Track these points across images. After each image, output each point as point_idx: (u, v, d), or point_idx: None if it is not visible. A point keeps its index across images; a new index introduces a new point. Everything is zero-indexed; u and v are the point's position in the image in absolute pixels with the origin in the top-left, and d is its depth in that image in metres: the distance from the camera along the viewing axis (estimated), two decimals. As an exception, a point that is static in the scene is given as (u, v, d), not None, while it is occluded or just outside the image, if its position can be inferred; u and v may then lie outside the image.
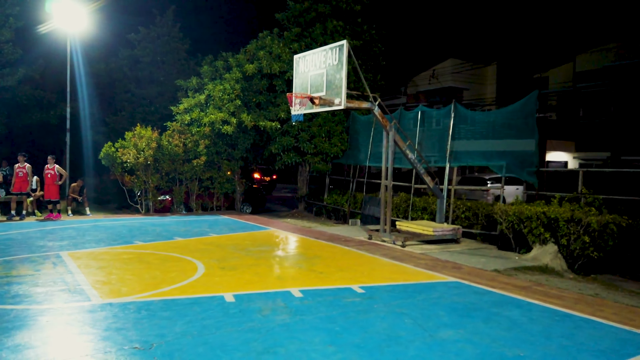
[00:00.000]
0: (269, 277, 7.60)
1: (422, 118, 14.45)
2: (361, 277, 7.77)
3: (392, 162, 11.22)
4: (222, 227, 13.31)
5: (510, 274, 8.45)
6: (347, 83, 9.60)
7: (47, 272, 7.51)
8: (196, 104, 17.23)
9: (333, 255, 9.71)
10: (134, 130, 16.72)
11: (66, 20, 17.22)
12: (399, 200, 14.80)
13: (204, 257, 9.03)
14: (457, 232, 11.56)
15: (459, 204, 12.64)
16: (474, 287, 7.43)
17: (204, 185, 17.76)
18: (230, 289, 6.79)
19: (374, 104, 10.65)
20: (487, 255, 10.25)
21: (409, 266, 8.79)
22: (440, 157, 13.67)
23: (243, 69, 16.95)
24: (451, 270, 8.58)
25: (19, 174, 14.23)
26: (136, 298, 6.26)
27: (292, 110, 10.23)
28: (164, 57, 26.19)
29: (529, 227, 9.88)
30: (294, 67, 10.93)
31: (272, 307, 6.03)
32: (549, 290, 7.34)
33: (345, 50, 9.37)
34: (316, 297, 6.54)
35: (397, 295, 6.81)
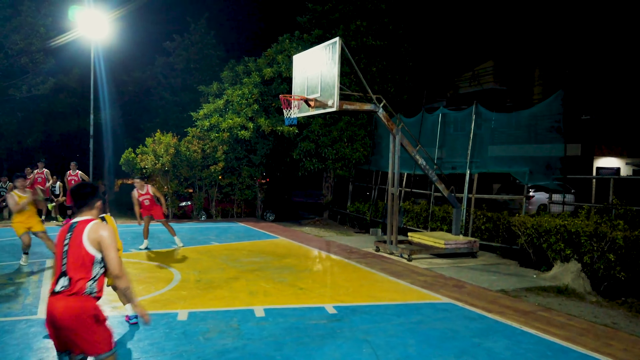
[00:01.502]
0: (241, 293, 7.03)
1: (443, 121, 13.48)
2: (342, 296, 7.05)
3: (398, 168, 10.38)
4: (230, 235, 12.91)
5: (517, 296, 7.45)
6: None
7: (19, 281, 7.31)
8: (215, 109, 17.04)
9: (327, 268, 9.02)
10: (153, 136, 16.73)
11: (102, 30, 17.44)
12: (419, 209, 13.87)
13: (187, 267, 8.61)
14: (474, 245, 10.54)
15: (479, 214, 11.59)
16: (467, 310, 6.53)
17: (224, 191, 17.53)
18: (189, 306, 6.28)
19: (377, 106, 9.89)
20: (501, 272, 9.21)
21: (404, 283, 7.97)
22: (463, 163, 12.65)
23: (262, 73, 16.60)
24: (450, 289, 7.68)
25: (37, 179, 14.49)
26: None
27: (285, 113, 9.66)
28: (197, 64, 26.44)
29: (548, 241, 8.77)
30: (293, 68, 10.38)
31: (222, 329, 5.46)
32: (554, 318, 6.32)
33: (337, 48, 8.70)
34: (278, 318, 5.90)
35: (371, 318, 6.05)
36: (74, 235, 3.27)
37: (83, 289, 3.21)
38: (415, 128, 14.96)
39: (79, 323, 3.16)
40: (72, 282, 3.19)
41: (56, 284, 3.22)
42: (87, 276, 3.24)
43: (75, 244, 3.25)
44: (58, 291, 3.19)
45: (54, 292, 3.21)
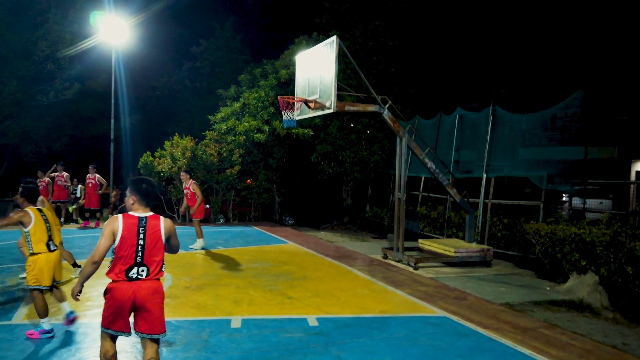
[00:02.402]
0: (226, 301, 6.78)
1: (460, 123, 12.91)
2: (330, 306, 6.69)
3: (405, 171, 9.93)
4: (239, 240, 12.74)
5: (522, 310, 6.89)
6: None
7: (7, 285, 7.33)
8: (232, 112, 16.99)
9: (325, 276, 8.67)
10: (171, 139, 16.83)
11: (126, 35, 17.68)
12: (435, 215, 13.33)
13: (182, 273, 8.45)
14: (487, 253, 9.95)
15: (495, 220, 10.97)
16: (462, 325, 6.06)
17: (242, 195, 17.44)
18: (167, 315, 6.02)
19: (382, 108, 9.47)
20: (512, 283, 8.62)
21: (401, 294, 7.53)
22: (479, 166, 12.05)
23: (278, 75, 16.43)
24: (450, 301, 7.19)
25: (57, 182, 14.77)
26: (60, 319, 5.75)
27: (284, 115, 9.38)
28: (222, 68, 26.62)
29: (563, 251, 8.13)
30: (296, 68, 10.09)
31: (190, 340, 5.22)
32: (556, 336, 5.76)
33: (335, 46, 8.37)
34: (253, 330, 5.62)
35: (353, 331, 5.68)
36: (149, 229, 3.73)
37: (159, 273, 3.81)
38: (433, 130, 14.44)
39: (156, 301, 3.75)
40: (150, 269, 3.71)
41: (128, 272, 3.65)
42: (161, 263, 3.82)
43: (155, 236, 3.74)
44: (135, 278, 3.67)
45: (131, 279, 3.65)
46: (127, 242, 3.66)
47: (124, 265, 3.66)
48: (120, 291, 3.65)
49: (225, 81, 25.25)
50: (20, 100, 18.16)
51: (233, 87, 18.11)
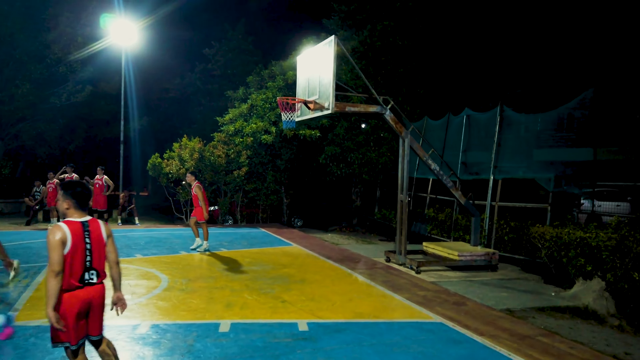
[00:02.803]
0: (218, 304, 6.71)
1: (468, 123, 12.66)
2: (324, 311, 6.57)
3: (407, 173, 9.75)
4: (243, 242, 12.70)
5: (523, 316, 6.67)
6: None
7: (5, 287, 7.37)
8: (240, 113, 16.99)
9: (324, 279, 8.55)
10: (180, 141, 16.89)
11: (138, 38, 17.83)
12: (443, 217, 13.10)
13: (179, 275, 8.42)
14: (492, 257, 9.71)
15: (502, 223, 10.71)
16: (455, 332, 5.88)
17: (250, 196, 17.43)
18: (156, 318, 6.03)
19: (384, 108, 9.32)
20: (516, 288, 8.38)
21: (399, 298, 7.37)
22: (487, 168, 11.79)
23: (285, 77, 16.38)
24: (448, 306, 7.00)
25: (67, 183, 14.91)
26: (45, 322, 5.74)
27: (283, 116, 9.29)
28: (234, 70, 26.72)
29: (568, 256, 7.87)
30: (297, 69, 10.00)
31: (176, 345, 5.15)
32: (554, 344, 5.54)
33: (333, 46, 8.24)
34: (241, 334, 5.53)
35: (343, 337, 5.54)
36: (93, 233, 3.70)
37: (104, 276, 3.80)
38: (442, 131, 14.21)
39: (103, 304, 3.84)
40: (99, 273, 3.73)
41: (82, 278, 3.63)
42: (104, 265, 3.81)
43: (98, 239, 3.73)
44: (87, 283, 3.66)
45: (83, 285, 3.64)
46: (78, 248, 3.60)
47: (77, 272, 3.61)
48: (78, 298, 3.61)
49: (237, 83, 25.32)
50: (33, 103, 18.46)
51: (241, 88, 18.13)
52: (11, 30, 18.12)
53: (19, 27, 18.02)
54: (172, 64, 27.14)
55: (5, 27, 17.99)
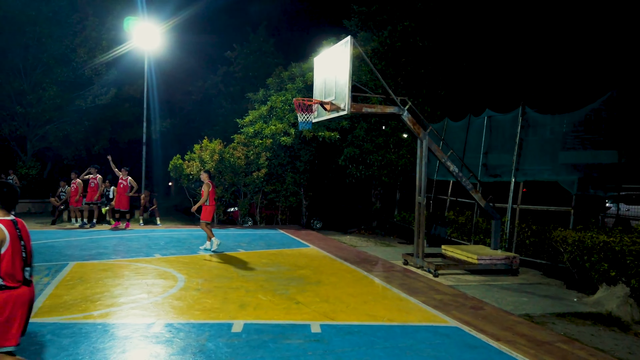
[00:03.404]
0: (232, 305, 6.72)
1: (489, 125, 12.45)
2: (338, 313, 6.52)
3: (425, 175, 9.62)
4: (261, 243, 12.74)
5: (543, 322, 6.50)
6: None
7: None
8: (260, 115, 17.08)
9: (339, 281, 8.49)
10: (200, 143, 17.06)
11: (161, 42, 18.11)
12: (463, 220, 12.90)
13: (196, 274, 8.48)
14: (513, 261, 9.50)
15: (524, 227, 10.48)
16: (471, 337, 5.76)
17: (269, 197, 17.49)
18: (171, 317, 6.08)
19: (402, 109, 9.23)
20: (537, 293, 8.18)
21: (415, 302, 7.26)
22: (509, 170, 11.57)
23: (305, 78, 16.40)
24: (465, 310, 6.87)
25: (91, 184, 15.22)
26: (65, 319, 5.85)
27: (299, 117, 9.27)
28: (256, 72, 26.87)
29: (591, 261, 7.64)
30: (314, 70, 9.98)
31: (188, 344, 5.18)
32: (574, 351, 5.38)
33: (349, 47, 8.19)
34: (253, 335, 5.52)
35: (356, 340, 5.49)
36: (23, 231, 3.79)
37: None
38: (462, 132, 14.00)
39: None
40: (32, 270, 3.84)
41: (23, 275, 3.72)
42: None
43: (28, 237, 3.84)
44: (28, 280, 3.78)
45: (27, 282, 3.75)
46: (16, 246, 3.66)
47: (19, 269, 3.66)
48: (24, 296, 3.66)
49: (258, 85, 25.40)
50: (60, 105, 18.92)
51: (262, 90, 18.22)
52: (39, 35, 18.64)
53: (46, 32, 18.51)
54: (194, 66, 27.47)
55: (33, 32, 18.52)
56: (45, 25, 18.48)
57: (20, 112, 19.04)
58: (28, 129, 19.71)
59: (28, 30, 18.40)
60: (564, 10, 19.31)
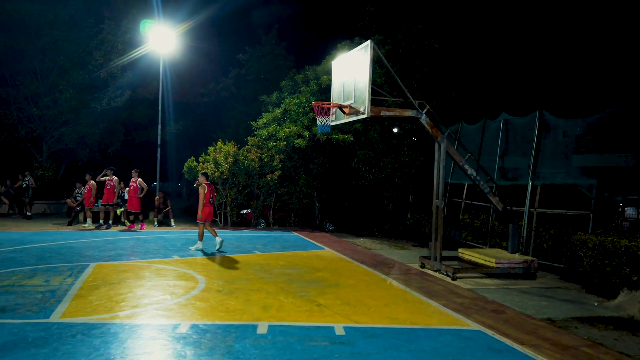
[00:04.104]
0: (254, 306, 6.78)
1: (505, 128, 12.44)
2: (360, 315, 6.55)
3: (443, 178, 9.64)
4: (276, 245, 12.81)
5: (565, 326, 6.49)
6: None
7: (52, 284, 7.65)
8: (274, 118, 17.16)
9: (358, 284, 8.53)
10: (215, 145, 17.18)
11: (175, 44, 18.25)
12: (478, 223, 12.88)
13: (215, 276, 8.55)
14: (531, 265, 9.48)
15: (541, 230, 10.46)
16: (495, 340, 5.77)
17: (283, 200, 17.56)
18: (196, 318, 6.15)
19: (420, 112, 9.26)
20: (556, 297, 8.16)
21: (435, 305, 7.28)
22: (525, 173, 11.55)
23: (319, 81, 16.47)
24: (487, 314, 6.88)
25: (107, 185, 15.38)
26: (93, 319, 5.93)
27: (318, 120, 9.34)
28: (267, 75, 26.99)
29: (612, 265, 7.62)
30: (332, 74, 10.05)
31: (215, 345, 5.23)
32: (600, 356, 5.37)
33: (369, 51, 8.25)
34: (278, 336, 5.57)
35: (380, 342, 5.52)
36: None
37: None
38: (477, 135, 14.00)
39: None
40: None
41: None
42: None
43: None
44: None
45: None
46: None
47: None
48: None
49: (270, 87, 25.56)
50: (76, 108, 19.13)
51: (275, 93, 18.31)
52: (55, 38, 18.88)
53: (63, 35, 18.74)
54: (206, 69, 27.69)
55: (50, 35, 18.75)
56: (62, 28, 18.71)
57: (36, 114, 19.27)
58: (44, 131, 19.94)
59: (45, 33, 18.64)
60: (580, 12, 19.19)
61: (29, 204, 17.68)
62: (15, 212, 18.65)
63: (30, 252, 10.41)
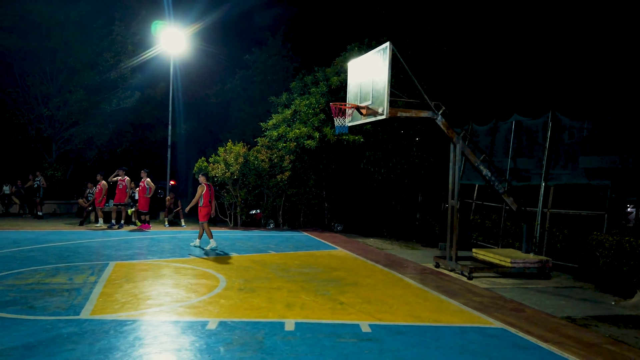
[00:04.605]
0: (278, 304, 6.87)
1: (517, 129, 12.52)
2: (383, 313, 6.64)
3: (458, 179, 9.73)
4: (289, 245, 12.90)
5: (586, 325, 6.57)
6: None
7: (75, 282, 7.74)
8: (283, 119, 17.26)
9: (376, 283, 8.62)
10: (225, 146, 17.27)
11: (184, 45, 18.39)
12: (489, 224, 12.97)
13: (235, 275, 8.65)
14: (546, 265, 9.56)
15: (555, 231, 10.55)
16: (520, 338, 5.85)
17: (292, 200, 17.64)
18: (222, 315, 6.24)
19: (436, 113, 9.35)
20: (573, 296, 8.24)
21: (455, 304, 7.37)
22: (538, 174, 11.63)
23: (329, 82, 16.57)
24: (507, 312, 6.97)
25: (119, 186, 15.47)
26: (122, 316, 6.03)
27: (336, 121, 9.44)
28: (274, 76, 27.08)
29: (629, 265, 7.71)
30: (348, 75, 10.15)
31: (246, 341, 5.32)
32: (623, 353, 5.46)
33: (388, 53, 8.35)
34: (306, 333, 5.66)
35: (407, 339, 5.61)
36: None
37: None
38: (487, 137, 14.08)
39: None
40: None
41: None
42: None
43: None
44: None
45: None
46: None
47: None
48: None
49: (276, 88, 25.68)
50: (86, 108, 19.24)
51: (284, 94, 18.41)
52: (66, 39, 18.99)
53: (73, 36, 18.86)
54: (213, 70, 27.75)
55: (60, 36, 18.87)
56: (72, 29, 18.83)
57: (46, 115, 19.38)
58: (54, 131, 20.05)
59: (55, 34, 18.76)
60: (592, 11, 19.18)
61: (40, 203, 17.79)
62: (25, 212, 18.77)
63: (48, 251, 10.51)
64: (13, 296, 6.76)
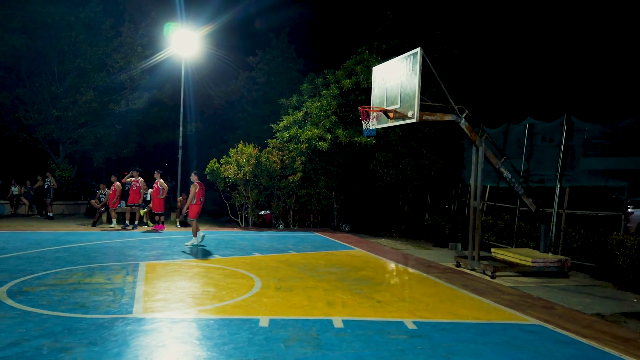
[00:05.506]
0: (319, 302, 7.08)
1: (530, 132, 12.83)
2: (421, 311, 6.87)
3: (481, 180, 10.00)
4: (307, 245, 13.09)
5: (615, 321, 6.86)
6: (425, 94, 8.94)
7: (115, 282, 7.88)
8: (294, 121, 17.45)
9: (404, 282, 8.86)
10: (236, 147, 17.42)
11: (192, 47, 18.52)
12: (502, 224, 13.26)
13: (267, 275, 8.83)
14: (565, 264, 9.86)
15: (571, 231, 10.85)
16: (559, 333, 6.11)
17: (302, 201, 17.83)
18: (270, 313, 6.42)
19: (460, 117, 9.62)
20: (595, 294, 8.54)
21: (487, 301, 7.62)
22: (552, 176, 11.94)
23: (340, 85, 16.79)
24: (539, 310, 7.23)
25: (133, 187, 15.55)
26: (177, 314, 6.19)
27: (364, 124, 9.67)
28: (277, 78, 27.23)
29: (652, 263, 8.01)
30: (372, 80, 10.39)
31: (302, 337, 5.52)
32: (661, 348, 5.73)
33: (419, 58, 8.60)
34: (357, 330, 5.87)
35: (453, 335, 5.84)
36: None
37: None
38: (498, 139, 14.37)
39: None
40: None
41: None
42: None
43: None
44: None
45: None
46: None
47: None
48: None
49: (280, 90, 25.86)
50: (95, 109, 19.27)
51: (295, 96, 18.59)
52: (74, 40, 19.02)
53: (82, 37, 18.89)
54: (218, 71, 27.82)
55: (69, 37, 18.90)
56: (81, 30, 18.86)
57: (55, 116, 19.39)
58: (62, 132, 20.05)
59: (64, 35, 18.78)
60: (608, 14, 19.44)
61: (50, 204, 17.80)
62: (34, 213, 18.76)
63: (73, 251, 10.61)
64: (60, 296, 6.89)
